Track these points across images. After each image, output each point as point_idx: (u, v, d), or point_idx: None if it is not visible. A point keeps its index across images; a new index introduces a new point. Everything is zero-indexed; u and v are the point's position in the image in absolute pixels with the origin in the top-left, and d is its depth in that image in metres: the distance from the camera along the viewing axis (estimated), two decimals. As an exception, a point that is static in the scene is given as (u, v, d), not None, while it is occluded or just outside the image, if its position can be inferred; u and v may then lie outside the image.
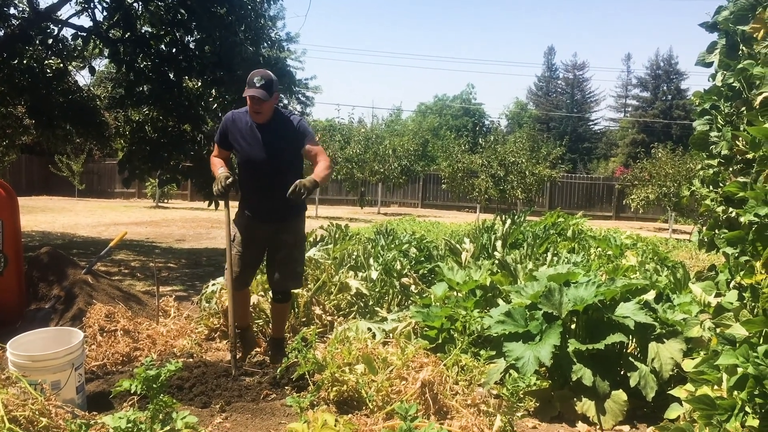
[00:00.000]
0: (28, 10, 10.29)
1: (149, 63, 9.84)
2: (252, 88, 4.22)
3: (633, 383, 3.82)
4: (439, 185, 28.44)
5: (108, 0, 9.58)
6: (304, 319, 5.58)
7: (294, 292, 5.50)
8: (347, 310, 5.90)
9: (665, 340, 3.92)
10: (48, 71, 11.08)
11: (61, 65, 11.26)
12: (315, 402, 3.37)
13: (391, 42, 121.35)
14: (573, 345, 3.91)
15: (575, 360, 3.89)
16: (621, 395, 3.79)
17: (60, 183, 28.90)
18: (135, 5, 9.93)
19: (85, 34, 9.73)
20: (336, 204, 30.72)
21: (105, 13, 9.84)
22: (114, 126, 12.31)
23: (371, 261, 6.52)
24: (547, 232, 8.57)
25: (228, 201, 4.49)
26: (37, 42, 10.30)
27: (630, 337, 4.11)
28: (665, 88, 60.31)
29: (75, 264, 5.70)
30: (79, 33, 9.79)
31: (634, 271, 5.60)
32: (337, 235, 7.24)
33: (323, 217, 20.92)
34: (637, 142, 51.56)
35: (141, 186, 27.64)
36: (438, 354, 4.17)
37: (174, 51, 9.94)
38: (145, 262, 9.91)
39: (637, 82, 64.46)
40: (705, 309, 3.84)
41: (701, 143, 3.67)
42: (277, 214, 4.47)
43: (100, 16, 10.07)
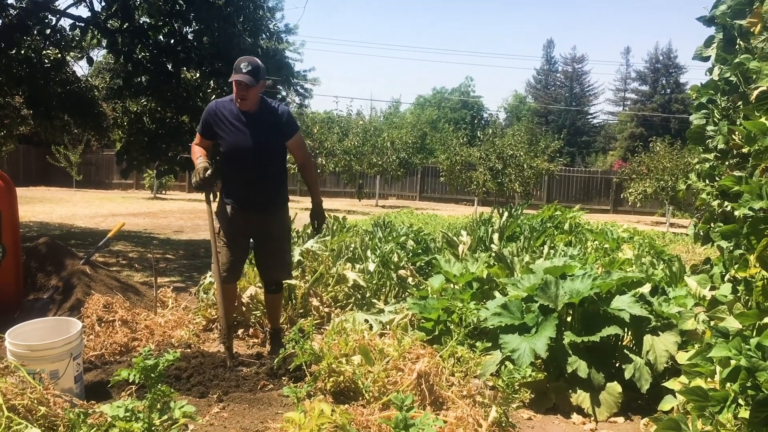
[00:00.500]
0: (26, 0, 10.26)
1: (147, 54, 9.82)
2: (238, 73, 4.17)
3: (628, 375, 3.84)
4: (437, 178, 28.46)
5: (106, -10, 9.56)
6: (301, 311, 5.60)
7: (292, 283, 5.53)
8: (344, 301, 5.92)
9: (660, 332, 3.95)
10: (46, 61, 11.05)
11: (59, 55, 11.24)
12: (312, 392, 3.39)
13: (390, 34, 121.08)
14: (569, 337, 3.93)
15: (571, 352, 3.92)
16: (616, 387, 3.82)
17: (58, 174, 28.87)
18: (133, -4, 9.90)
19: (83, 24, 9.71)
20: (334, 196, 30.71)
21: (103, 4, 9.83)
22: (112, 117, 12.30)
23: (369, 253, 6.54)
24: (544, 225, 8.59)
25: (209, 193, 4.38)
26: (35, 32, 10.29)
27: (625, 330, 4.15)
28: (664, 81, 60.27)
29: (73, 254, 5.71)
30: (77, 23, 9.77)
31: (630, 265, 5.63)
32: (335, 227, 7.26)
33: (321, 209, 20.89)
34: (636, 135, 51.60)
35: (139, 177, 27.63)
36: (434, 346, 4.19)
37: (172, 42, 9.93)
38: (143, 253, 9.92)
39: (636, 75, 64.46)
40: (700, 302, 3.86)
41: (698, 137, 3.68)
42: (264, 204, 4.45)
43: (98, 6, 10.06)
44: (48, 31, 10.44)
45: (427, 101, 59.32)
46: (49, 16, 10.28)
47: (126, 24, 9.57)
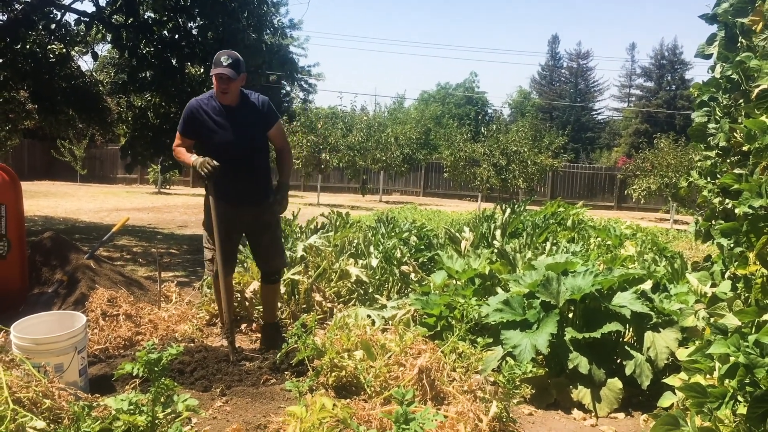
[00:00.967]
0: (31, -6, 10.30)
1: (152, 49, 9.86)
2: (219, 66, 4.15)
3: (628, 372, 3.86)
4: (441, 174, 28.45)
5: (111, -15, 9.60)
6: (304, 306, 5.63)
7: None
8: (347, 297, 5.94)
9: (661, 329, 3.97)
10: (51, 56, 11.09)
11: (64, 50, 11.27)
12: (314, 387, 3.41)
13: (395, 29, 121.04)
14: (570, 333, 3.95)
15: (572, 348, 3.93)
16: (616, 383, 3.84)
17: (62, 168, 28.96)
18: (138, -9, 9.93)
19: (88, 19, 9.75)
20: (338, 192, 30.75)
21: (108, -1, 9.86)
22: (116, 111, 12.33)
23: (371, 249, 6.56)
24: (547, 221, 8.59)
25: (213, 187, 4.27)
26: (41, 27, 10.33)
27: (626, 326, 4.16)
28: (669, 78, 60.13)
29: (78, 249, 5.74)
30: (82, 18, 9.81)
31: (632, 261, 5.64)
32: (338, 223, 7.28)
33: (325, 205, 20.96)
34: (641, 132, 51.42)
35: (143, 172, 27.68)
36: (436, 341, 4.21)
37: (176, 37, 9.96)
38: (147, 247, 9.96)
39: (641, 71, 64.36)
40: (701, 299, 3.88)
41: (699, 135, 3.69)
42: (255, 197, 4.46)
43: (103, 1, 10.12)
44: (53, 26, 10.48)
45: (432, 97, 59.28)
46: (54, 11, 10.32)
47: (131, 19, 9.60)
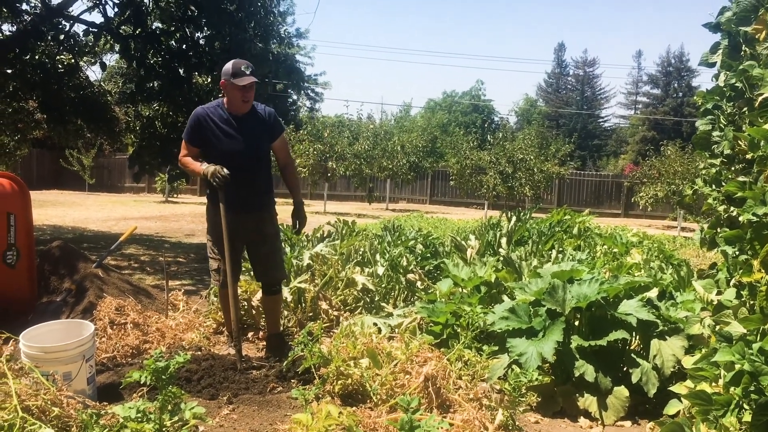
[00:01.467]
0: (40, 6, 10.41)
1: (159, 59, 9.93)
2: (244, 76, 4.20)
3: (635, 379, 3.85)
4: (448, 182, 28.46)
5: (119, -4, 9.68)
6: (311, 314, 5.64)
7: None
8: (354, 305, 5.95)
9: (667, 337, 3.96)
10: (59, 67, 11.19)
11: (73, 61, 11.37)
12: (320, 395, 3.43)
13: (401, 38, 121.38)
14: (576, 341, 3.95)
15: (578, 356, 3.93)
16: (623, 391, 3.83)
17: (70, 177, 29.12)
18: (146, 2, 10.01)
19: (97, 30, 9.83)
20: (344, 200, 30.78)
21: (116, 10, 9.95)
22: (124, 121, 12.42)
23: (378, 257, 6.57)
24: (553, 229, 8.60)
25: (223, 196, 4.27)
26: (49, 38, 10.42)
27: (632, 334, 4.15)
28: (676, 85, 60.07)
29: (86, 258, 5.77)
30: (91, 29, 9.89)
31: (638, 269, 5.64)
32: (344, 231, 7.30)
33: (332, 213, 20.99)
34: (648, 139, 51.40)
35: (151, 181, 27.81)
36: (442, 349, 4.21)
37: (184, 47, 10.03)
38: (155, 256, 10.01)
39: (648, 79, 64.30)
40: (707, 306, 3.87)
41: (704, 143, 3.70)
42: (259, 206, 4.50)
43: (111, 12, 10.18)
44: (62, 37, 10.57)
45: (438, 105, 59.35)
46: (63, 22, 10.42)
47: (139, 29, 9.68)
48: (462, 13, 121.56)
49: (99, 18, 11.62)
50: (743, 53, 3.30)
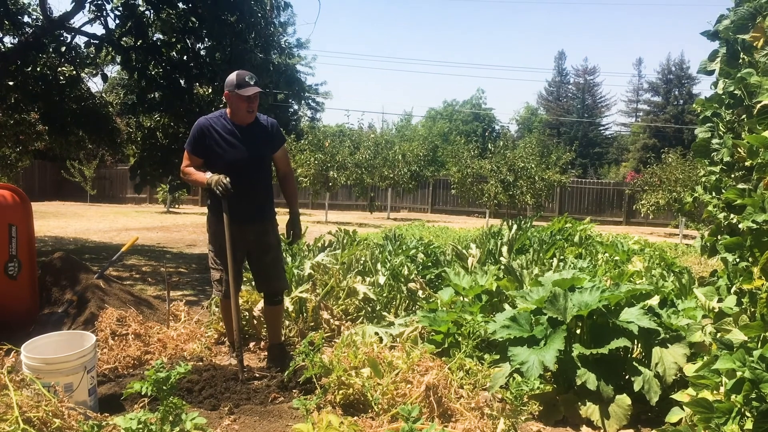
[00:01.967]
0: (41, 18, 10.46)
1: (161, 70, 9.97)
2: (249, 87, 4.23)
3: (637, 388, 3.84)
4: (449, 190, 28.50)
5: (120, 8, 9.72)
6: (312, 324, 5.64)
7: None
8: (355, 314, 5.95)
9: (669, 345, 3.95)
10: (61, 78, 11.24)
11: (74, 72, 11.43)
12: (321, 404, 3.43)
13: (402, 47, 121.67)
14: (577, 350, 3.94)
15: (580, 364, 3.92)
16: (625, 399, 3.82)
17: (72, 188, 29.21)
18: (147, 13, 10.06)
19: (98, 41, 9.88)
20: (346, 209, 30.81)
21: (117, 21, 9.99)
22: (126, 132, 12.46)
23: (379, 266, 6.57)
24: (554, 237, 8.59)
25: (227, 205, 4.29)
26: (51, 50, 10.48)
27: (634, 342, 4.15)
28: (677, 92, 60.17)
29: (87, 269, 5.78)
30: (92, 41, 9.95)
31: (639, 277, 5.63)
32: (346, 241, 7.30)
33: (333, 223, 21.01)
34: (649, 146, 51.48)
35: (152, 191, 27.84)
36: (443, 358, 4.21)
37: (185, 58, 10.08)
38: (156, 267, 10.01)
39: (649, 86, 64.43)
40: (708, 314, 3.87)
41: (703, 150, 3.70)
42: (261, 215, 4.51)
43: (112, 24, 10.23)
44: (63, 49, 10.62)
45: (439, 114, 59.48)
46: (65, 34, 10.48)
47: (140, 41, 9.73)
48: (462, 22, 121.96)
49: (100, 30, 11.69)
50: (741, 61, 3.31)
